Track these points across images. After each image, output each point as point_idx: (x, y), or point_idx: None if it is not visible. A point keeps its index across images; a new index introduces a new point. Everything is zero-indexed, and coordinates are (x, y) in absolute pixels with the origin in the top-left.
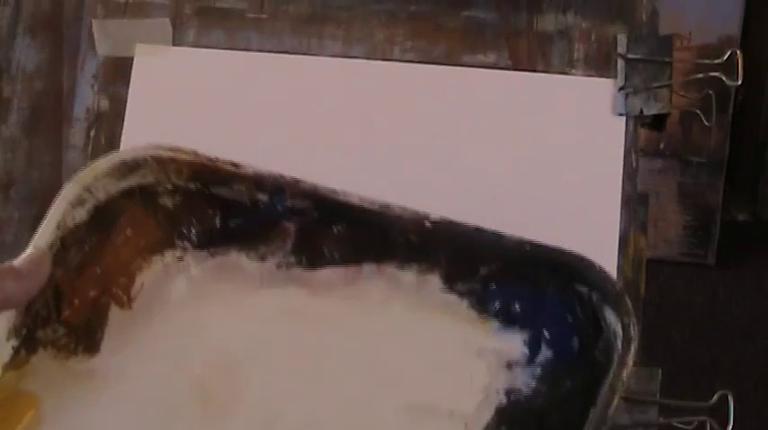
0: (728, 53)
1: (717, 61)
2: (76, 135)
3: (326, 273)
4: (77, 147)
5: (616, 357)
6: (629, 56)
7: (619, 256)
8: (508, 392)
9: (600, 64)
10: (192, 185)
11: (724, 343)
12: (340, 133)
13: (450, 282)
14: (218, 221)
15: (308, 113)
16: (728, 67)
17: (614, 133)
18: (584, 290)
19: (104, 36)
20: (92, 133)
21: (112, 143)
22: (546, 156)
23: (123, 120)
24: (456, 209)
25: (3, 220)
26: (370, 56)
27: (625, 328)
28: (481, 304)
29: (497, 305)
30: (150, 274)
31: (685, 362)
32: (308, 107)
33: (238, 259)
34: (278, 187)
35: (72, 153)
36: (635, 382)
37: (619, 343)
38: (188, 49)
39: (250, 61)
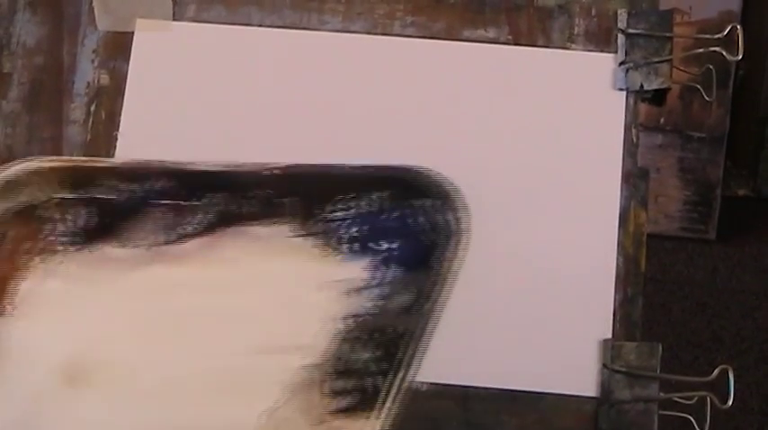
0: (729, 28)
1: (717, 36)
2: (77, 110)
3: (190, 244)
4: (78, 122)
5: (448, 252)
6: (630, 31)
7: (619, 232)
8: (346, 317)
9: (600, 39)
10: (70, 193)
11: (724, 318)
12: (340, 108)
13: (298, 226)
14: (94, 220)
15: (308, 88)
16: (729, 42)
17: (614, 108)
18: (419, 201)
19: (105, 11)
20: (92, 108)
21: (113, 118)
22: (546, 131)
23: (124, 96)
24: (456, 184)
25: None
26: (370, 31)
27: (458, 222)
28: (325, 240)
29: (339, 237)
30: (31, 281)
31: (686, 337)
32: (309, 82)
33: (112, 251)
34: (143, 174)
35: (72, 128)
36: (635, 358)
37: (452, 239)
38: (188, 24)
39: (250, 36)
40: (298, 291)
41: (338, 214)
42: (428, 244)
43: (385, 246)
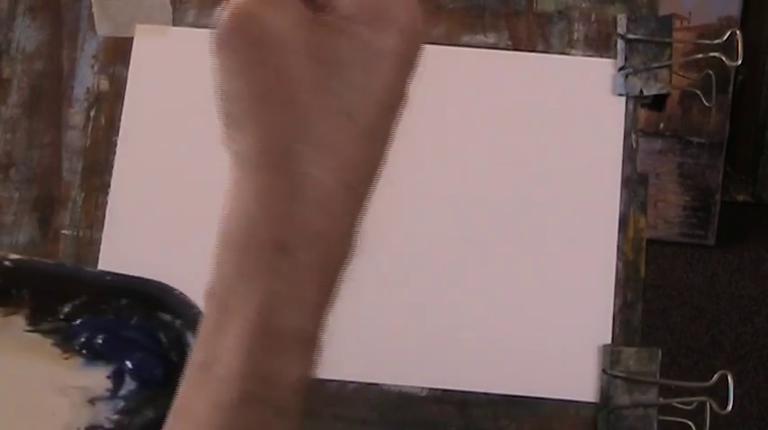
0: (728, 33)
1: (717, 41)
2: (76, 115)
3: None
4: (77, 128)
5: None
6: (629, 36)
7: (619, 237)
8: (89, 429)
9: (600, 44)
10: None
11: (724, 323)
12: None
13: (35, 321)
14: None
15: None
16: (728, 48)
17: (614, 114)
18: (167, 317)
19: (104, 16)
20: (92, 113)
21: (112, 123)
22: (546, 136)
23: (123, 101)
24: (455, 190)
25: (3, 201)
26: None
27: None
28: (66, 341)
29: (81, 340)
30: None
31: (685, 342)
32: None
33: None
34: None
35: (72, 133)
36: (635, 363)
37: None
38: (188, 30)
39: None
40: (39, 394)
41: (78, 316)
42: (171, 362)
43: (127, 356)
